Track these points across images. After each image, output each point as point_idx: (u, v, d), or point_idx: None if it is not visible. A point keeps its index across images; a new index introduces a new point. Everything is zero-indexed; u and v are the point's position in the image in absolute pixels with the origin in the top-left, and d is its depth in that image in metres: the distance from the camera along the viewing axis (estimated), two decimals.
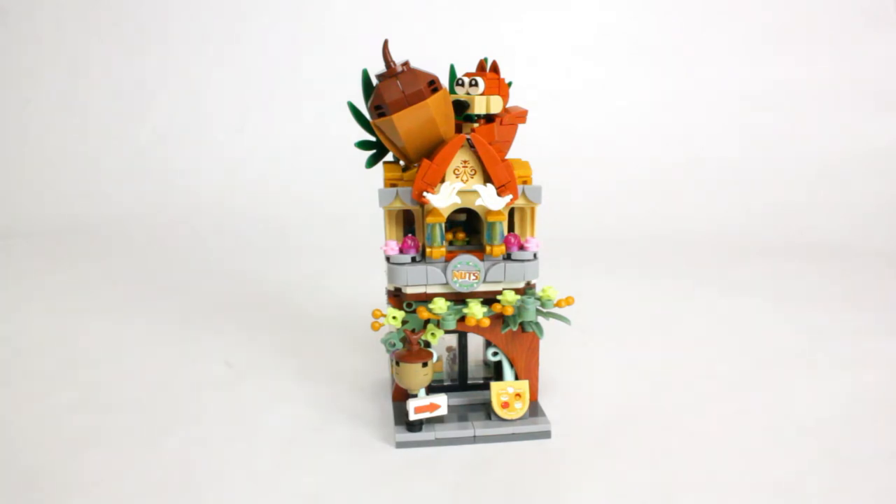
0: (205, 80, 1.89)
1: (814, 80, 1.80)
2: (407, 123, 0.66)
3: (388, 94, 0.65)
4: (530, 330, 0.72)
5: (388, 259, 0.70)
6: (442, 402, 0.70)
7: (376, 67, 0.67)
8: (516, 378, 0.75)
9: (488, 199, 0.67)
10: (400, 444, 0.69)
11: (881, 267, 1.30)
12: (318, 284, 1.22)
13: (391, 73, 0.66)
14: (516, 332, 0.73)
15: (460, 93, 0.70)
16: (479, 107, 0.69)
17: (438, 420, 0.72)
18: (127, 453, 0.69)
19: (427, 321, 0.71)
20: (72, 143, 1.87)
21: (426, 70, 0.66)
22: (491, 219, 0.69)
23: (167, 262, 1.37)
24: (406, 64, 0.66)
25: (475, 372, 0.80)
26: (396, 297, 0.72)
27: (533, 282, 0.74)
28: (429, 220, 0.68)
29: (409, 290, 0.70)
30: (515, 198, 0.69)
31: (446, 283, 0.70)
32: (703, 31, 1.84)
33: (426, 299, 0.71)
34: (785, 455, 0.68)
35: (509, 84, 0.72)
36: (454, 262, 0.69)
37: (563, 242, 1.42)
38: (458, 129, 0.71)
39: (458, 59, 0.79)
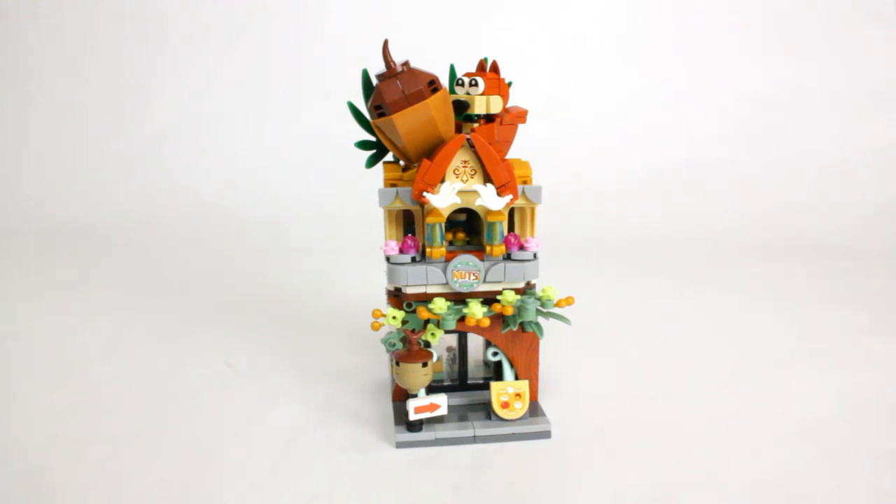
0: (205, 80, 1.89)
1: (814, 80, 1.80)
2: (407, 123, 0.66)
3: (388, 94, 0.65)
4: (530, 330, 0.72)
5: (388, 259, 0.70)
6: (442, 402, 0.70)
7: (376, 67, 0.67)
8: (516, 378, 0.75)
9: (488, 199, 0.67)
10: (400, 444, 0.69)
11: (881, 267, 1.30)
12: (318, 284, 1.22)
13: (391, 73, 0.66)
14: (516, 332, 0.73)
15: (460, 93, 0.70)
16: (479, 107, 0.69)
17: (438, 420, 0.72)
18: (126, 453, 0.69)
19: (427, 321, 0.71)
20: (72, 144, 1.87)
21: (426, 70, 0.66)
22: (491, 219, 0.69)
23: (167, 262, 1.37)
24: (406, 64, 0.66)
25: (475, 372, 0.80)
26: (396, 297, 0.72)
27: (533, 282, 0.74)
28: (429, 220, 0.68)
29: (409, 290, 0.70)
30: (515, 198, 0.69)
31: (446, 283, 0.70)
32: (704, 32, 1.84)
33: (426, 299, 0.71)
34: (784, 455, 0.68)
35: (509, 84, 0.72)
36: (454, 262, 0.69)
37: (563, 242, 1.42)
38: (458, 129, 0.71)
39: (457, 59, 0.79)
